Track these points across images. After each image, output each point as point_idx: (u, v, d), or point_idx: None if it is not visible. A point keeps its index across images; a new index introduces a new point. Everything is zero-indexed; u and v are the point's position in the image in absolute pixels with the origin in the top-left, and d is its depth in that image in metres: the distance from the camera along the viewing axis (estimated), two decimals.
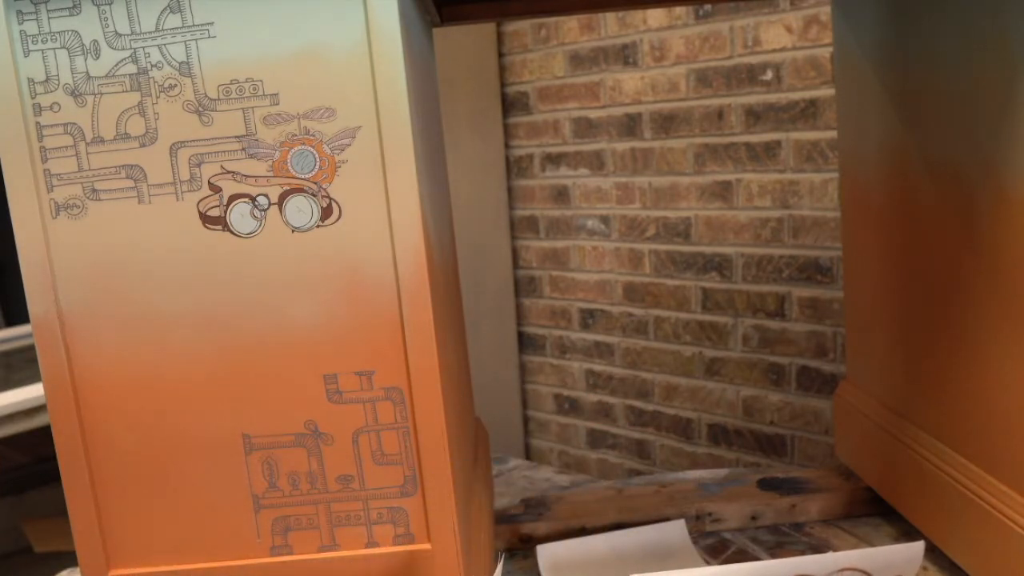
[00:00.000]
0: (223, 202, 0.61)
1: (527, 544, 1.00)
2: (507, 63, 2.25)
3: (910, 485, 0.92)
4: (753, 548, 0.98)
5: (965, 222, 0.78)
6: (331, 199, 0.61)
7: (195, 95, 0.60)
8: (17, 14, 0.59)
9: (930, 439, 0.88)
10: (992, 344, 0.76)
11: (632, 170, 2.04)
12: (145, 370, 0.63)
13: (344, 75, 0.59)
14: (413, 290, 0.62)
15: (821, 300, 1.78)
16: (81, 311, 0.63)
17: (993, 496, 0.77)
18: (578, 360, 2.26)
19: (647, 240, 2.05)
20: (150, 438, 0.64)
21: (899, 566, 0.79)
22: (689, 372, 2.03)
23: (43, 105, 0.60)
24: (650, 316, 2.08)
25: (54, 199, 0.61)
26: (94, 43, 0.59)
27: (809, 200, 1.76)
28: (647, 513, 1.02)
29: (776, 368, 1.88)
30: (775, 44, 1.75)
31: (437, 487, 0.65)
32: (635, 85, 1.99)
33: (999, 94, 0.71)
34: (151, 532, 0.66)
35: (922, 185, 0.85)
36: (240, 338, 0.63)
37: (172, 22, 0.59)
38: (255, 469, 0.65)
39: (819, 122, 1.72)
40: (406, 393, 0.64)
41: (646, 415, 2.13)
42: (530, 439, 2.42)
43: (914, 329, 0.90)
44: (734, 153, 1.86)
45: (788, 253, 1.81)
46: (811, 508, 1.03)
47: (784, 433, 1.89)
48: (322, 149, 0.60)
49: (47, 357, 0.63)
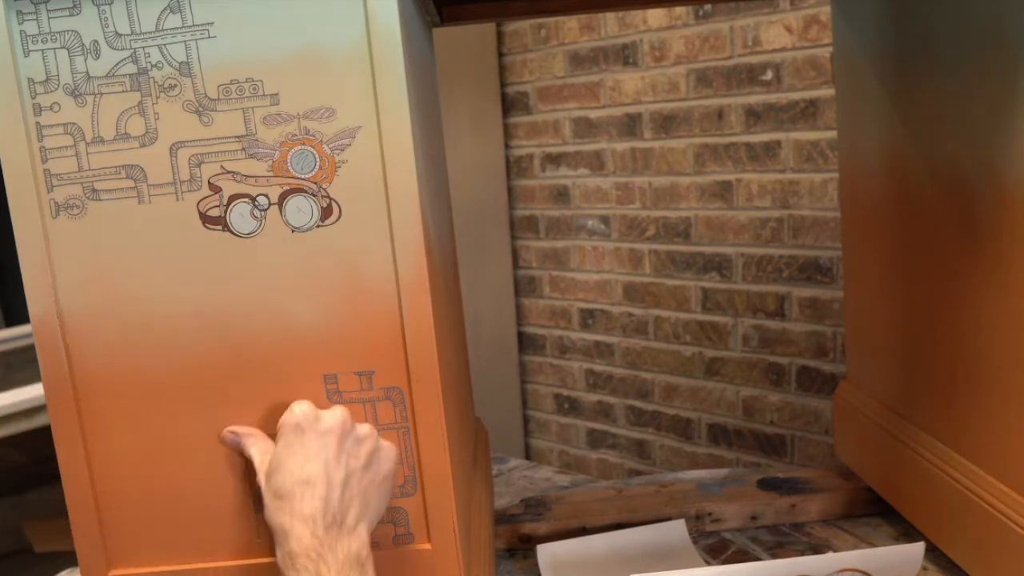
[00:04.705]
0: (223, 202, 0.61)
1: (527, 544, 1.00)
2: (507, 63, 2.25)
3: (910, 485, 0.92)
4: (753, 548, 0.98)
5: (965, 222, 0.78)
6: (331, 199, 0.61)
7: (195, 95, 0.60)
8: (17, 14, 0.59)
9: (930, 439, 0.88)
10: (992, 344, 0.76)
11: (632, 170, 2.04)
12: (145, 370, 0.63)
13: (344, 75, 0.59)
14: (413, 290, 0.62)
15: (821, 300, 1.78)
16: (81, 311, 0.63)
17: (993, 496, 0.77)
18: (578, 360, 2.26)
19: (647, 240, 2.05)
20: (150, 438, 0.64)
21: (899, 566, 0.79)
22: (689, 372, 2.03)
23: (43, 105, 0.60)
24: (650, 316, 2.08)
25: (54, 199, 0.61)
26: (94, 43, 0.59)
27: (809, 200, 1.76)
28: (647, 513, 1.02)
29: (776, 368, 1.88)
30: (775, 44, 1.75)
31: (437, 487, 0.65)
32: (635, 85, 1.99)
33: (999, 94, 0.71)
34: (151, 532, 0.66)
35: (922, 185, 0.85)
36: (240, 338, 0.63)
37: (172, 22, 0.59)
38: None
39: (819, 122, 1.72)
40: (406, 393, 0.64)
41: (646, 415, 2.13)
42: (530, 439, 2.42)
43: (914, 329, 0.90)
44: (734, 153, 1.86)
45: (788, 253, 1.81)
46: (811, 508, 1.03)
47: (784, 433, 1.89)
48: (322, 149, 0.60)
49: (47, 357, 0.63)
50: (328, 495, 0.58)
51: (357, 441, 0.61)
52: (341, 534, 0.58)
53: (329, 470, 0.59)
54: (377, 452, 0.62)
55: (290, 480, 0.58)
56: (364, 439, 0.61)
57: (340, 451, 0.60)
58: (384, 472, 0.62)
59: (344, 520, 0.58)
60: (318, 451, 0.59)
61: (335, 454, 0.59)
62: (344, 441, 0.60)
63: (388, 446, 0.63)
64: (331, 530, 0.57)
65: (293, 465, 0.59)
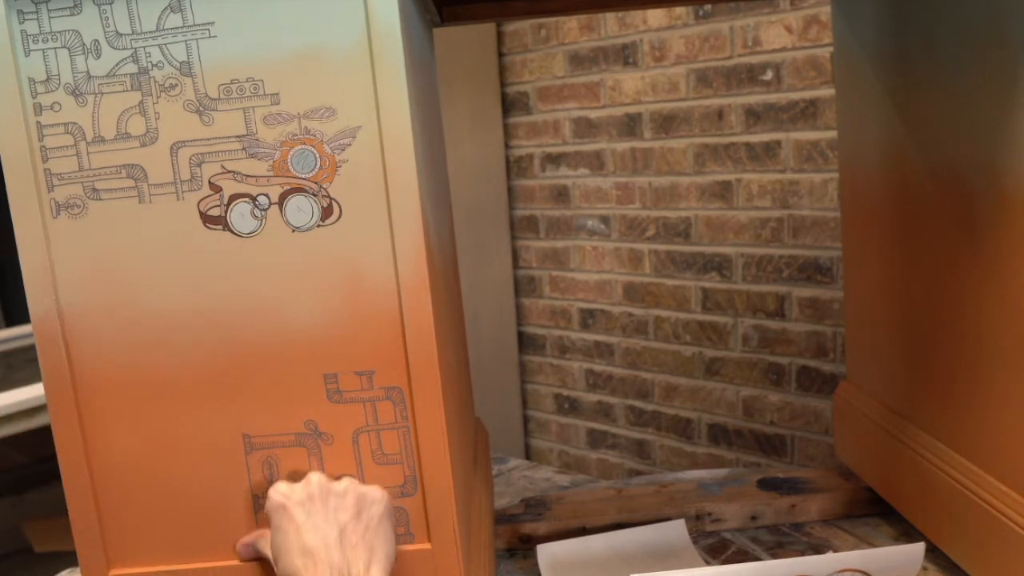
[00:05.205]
0: (223, 202, 0.61)
1: (527, 544, 1.00)
2: (507, 63, 2.25)
3: (910, 485, 0.92)
4: (753, 548, 0.98)
5: (965, 222, 0.78)
6: (331, 199, 0.61)
7: (196, 95, 0.60)
8: (18, 14, 0.59)
9: (930, 439, 0.88)
10: (992, 344, 0.76)
11: (632, 170, 2.04)
12: (145, 370, 0.63)
13: (344, 75, 0.59)
14: (413, 290, 0.62)
15: (821, 300, 1.78)
16: (81, 311, 0.63)
17: (993, 496, 0.77)
18: (578, 360, 2.26)
19: (647, 240, 2.05)
20: (150, 438, 0.64)
21: (899, 566, 0.79)
22: (689, 372, 2.03)
23: (44, 105, 0.60)
24: (650, 316, 2.08)
25: (54, 199, 0.61)
26: (95, 43, 0.59)
27: (809, 200, 1.76)
28: (647, 513, 1.02)
29: (776, 368, 1.88)
30: (775, 44, 1.75)
31: (437, 487, 0.65)
32: (635, 85, 1.99)
33: (999, 94, 0.71)
34: (151, 532, 0.66)
35: (922, 185, 0.85)
36: (240, 337, 0.63)
37: (173, 22, 0.59)
38: (255, 469, 0.65)
39: (819, 122, 1.72)
40: (406, 393, 0.64)
41: (646, 415, 2.13)
42: (530, 439, 2.42)
43: (914, 329, 0.90)
44: (734, 153, 1.86)
45: (788, 253, 1.81)
46: (811, 508, 1.03)
47: (784, 433, 1.89)
48: (322, 149, 0.60)
49: (47, 357, 0.63)
50: (329, 557, 0.60)
51: (339, 496, 0.62)
52: None
53: (322, 533, 0.60)
54: (363, 499, 0.62)
55: (292, 557, 0.60)
56: (345, 492, 0.62)
57: (326, 512, 0.61)
58: (377, 515, 0.62)
59: (351, 572, 0.59)
60: (306, 520, 0.61)
61: (323, 517, 0.61)
62: (327, 501, 0.62)
63: (373, 489, 0.63)
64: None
65: (289, 543, 0.60)
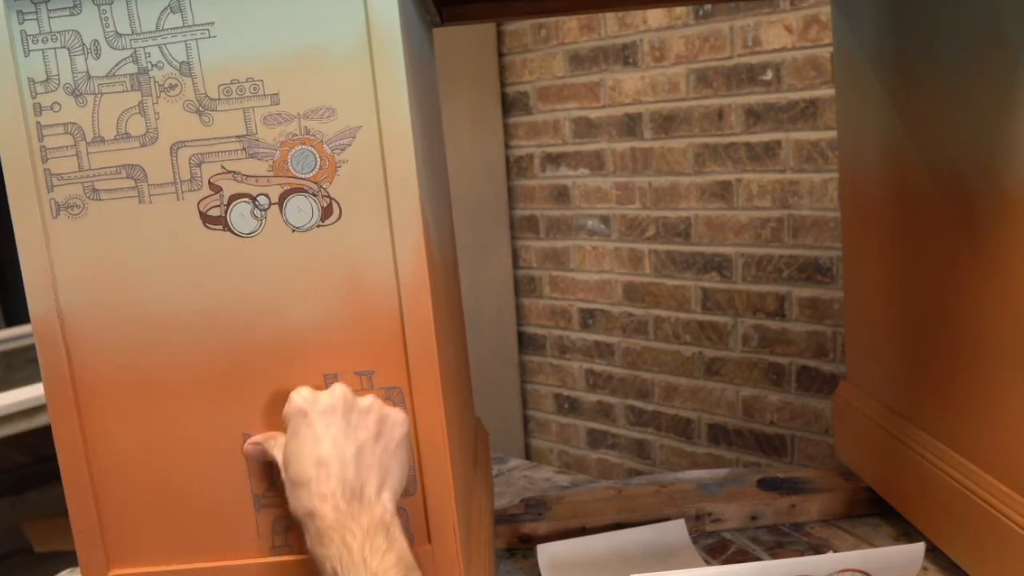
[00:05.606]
0: (223, 202, 0.61)
1: (527, 544, 1.00)
2: (507, 63, 2.25)
3: (910, 485, 0.92)
4: (753, 548, 0.98)
5: (965, 222, 0.78)
6: (331, 199, 0.61)
7: (195, 95, 0.60)
8: (17, 14, 0.59)
9: (930, 439, 0.88)
10: (992, 344, 0.76)
11: (632, 170, 2.04)
12: (145, 370, 0.63)
13: (344, 75, 0.59)
14: (413, 290, 0.62)
15: (821, 300, 1.78)
16: (81, 311, 0.63)
17: (993, 496, 0.77)
18: (578, 360, 2.26)
19: (647, 240, 2.05)
20: (150, 438, 0.64)
21: (899, 566, 0.79)
22: (689, 372, 2.03)
23: (43, 105, 0.60)
24: (650, 316, 2.08)
25: (54, 199, 0.61)
26: (94, 43, 0.59)
27: (809, 200, 1.76)
28: (647, 513, 1.02)
29: (776, 368, 1.88)
30: (775, 44, 1.75)
31: (437, 487, 0.65)
32: (635, 85, 1.99)
33: (998, 94, 0.71)
34: (151, 532, 0.66)
35: (922, 185, 0.85)
36: (240, 337, 0.63)
37: (172, 22, 0.59)
38: (255, 469, 0.65)
39: (819, 122, 1.72)
40: (406, 393, 0.64)
41: (646, 415, 2.13)
42: (530, 439, 2.42)
43: (914, 329, 0.90)
44: (734, 153, 1.86)
45: (788, 253, 1.81)
46: (811, 508, 1.03)
47: (784, 433, 1.89)
48: (322, 149, 0.60)
49: (47, 357, 0.63)
50: (343, 472, 0.58)
51: (362, 413, 0.61)
52: (363, 506, 0.58)
53: (339, 447, 0.59)
54: (384, 420, 0.61)
55: (304, 466, 0.59)
56: (368, 410, 0.61)
57: (347, 426, 0.60)
58: (396, 438, 0.62)
59: (363, 492, 0.59)
60: (325, 431, 0.60)
61: (342, 430, 0.60)
62: (349, 416, 0.60)
63: (395, 412, 0.62)
64: (352, 503, 0.58)
65: (304, 451, 0.59)
